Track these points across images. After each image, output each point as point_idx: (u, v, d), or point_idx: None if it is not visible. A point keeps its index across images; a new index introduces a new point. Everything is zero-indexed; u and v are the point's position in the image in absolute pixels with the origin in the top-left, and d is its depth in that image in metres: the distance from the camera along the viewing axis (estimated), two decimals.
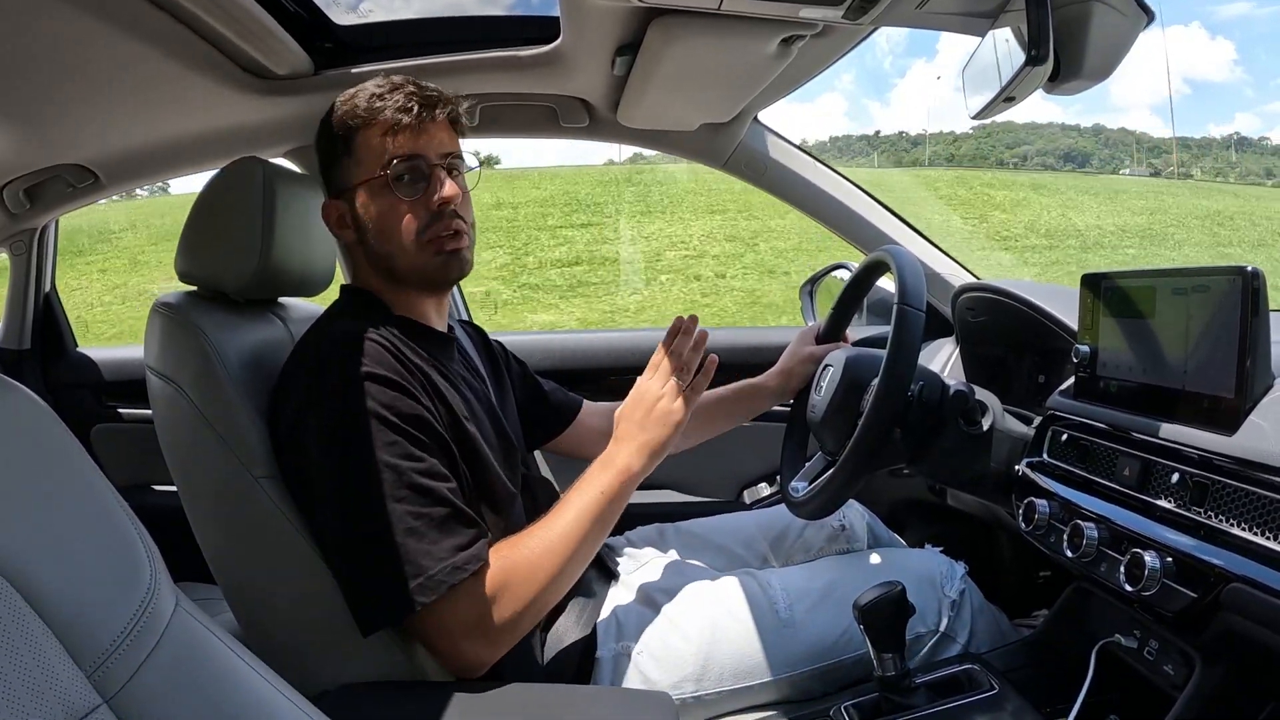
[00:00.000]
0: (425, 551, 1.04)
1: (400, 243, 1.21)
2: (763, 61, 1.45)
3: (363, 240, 1.24)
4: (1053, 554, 1.18)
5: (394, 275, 1.24)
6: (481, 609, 1.06)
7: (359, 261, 1.28)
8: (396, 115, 1.18)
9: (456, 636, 1.07)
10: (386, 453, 1.06)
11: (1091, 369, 1.21)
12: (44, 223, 2.34)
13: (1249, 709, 1.02)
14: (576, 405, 1.65)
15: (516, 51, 1.67)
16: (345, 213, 1.24)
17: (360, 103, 1.19)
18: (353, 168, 1.21)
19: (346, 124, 1.20)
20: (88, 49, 1.35)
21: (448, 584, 1.03)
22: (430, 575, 1.03)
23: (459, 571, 1.04)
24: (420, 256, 1.21)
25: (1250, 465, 0.92)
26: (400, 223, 1.20)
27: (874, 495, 1.94)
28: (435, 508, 1.06)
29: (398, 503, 1.04)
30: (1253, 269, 0.95)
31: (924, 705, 1.17)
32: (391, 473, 1.05)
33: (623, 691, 1.20)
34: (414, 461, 1.07)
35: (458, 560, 1.04)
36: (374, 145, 1.19)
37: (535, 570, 1.09)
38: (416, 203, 1.20)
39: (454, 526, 1.07)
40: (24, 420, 0.66)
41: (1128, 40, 1.14)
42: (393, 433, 1.07)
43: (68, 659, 0.58)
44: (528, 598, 1.08)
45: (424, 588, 1.03)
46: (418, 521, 1.04)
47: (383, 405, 1.07)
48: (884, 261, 1.38)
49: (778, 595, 1.33)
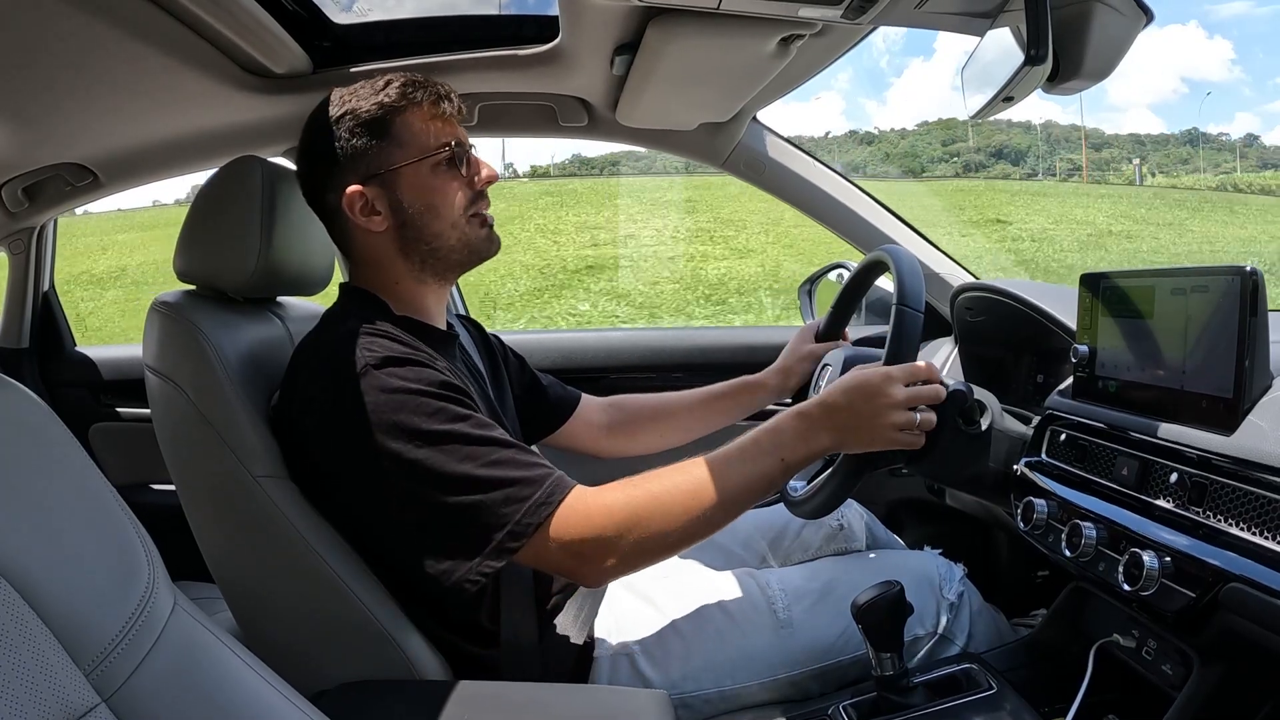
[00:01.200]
0: (519, 479, 1.06)
1: (451, 218, 1.25)
2: (762, 61, 1.45)
3: (403, 223, 1.24)
4: (1051, 554, 1.18)
5: (434, 255, 1.26)
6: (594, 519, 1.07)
7: (372, 255, 1.27)
8: (439, 104, 1.24)
9: (580, 550, 1.07)
10: (435, 422, 1.07)
11: (1090, 369, 1.21)
12: (43, 221, 2.34)
13: (1247, 709, 1.02)
14: (575, 399, 1.66)
15: (515, 50, 1.67)
16: (376, 198, 1.23)
17: (393, 91, 1.22)
18: (393, 150, 1.22)
19: (384, 107, 1.21)
20: (87, 48, 1.35)
21: (557, 500, 1.06)
22: (533, 500, 1.05)
23: (562, 487, 1.07)
24: (469, 231, 1.27)
25: (1249, 465, 0.92)
26: (452, 200, 1.25)
27: (872, 495, 1.94)
28: (504, 450, 1.08)
29: (469, 461, 1.06)
30: (1251, 268, 0.95)
31: (922, 704, 1.17)
32: (451, 439, 1.06)
33: (620, 690, 1.20)
34: (463, 421, 1.08)
35: (554, 476, 1.07)
36: (419, 128, 1.23)
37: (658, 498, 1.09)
38: (463, 182, 1.25)
39: (530, 457, 1.09)
40: (22, 419, 0.66)
41: (1127, 40, 1.14)
42: (435, 400, 1.08)
43: (66, 658, 0.58)
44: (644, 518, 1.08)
45: (535, 508, 1.05)
46: (498, 469, 1.06)
47: (412, 381, 1.08)
48: (883, 261, 1.38)
49: (776, 595, 1.33)
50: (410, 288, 1.28)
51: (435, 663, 1.15)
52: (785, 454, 1.14)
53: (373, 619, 1.11)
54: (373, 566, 1.16)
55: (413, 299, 1.28)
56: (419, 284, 1.28)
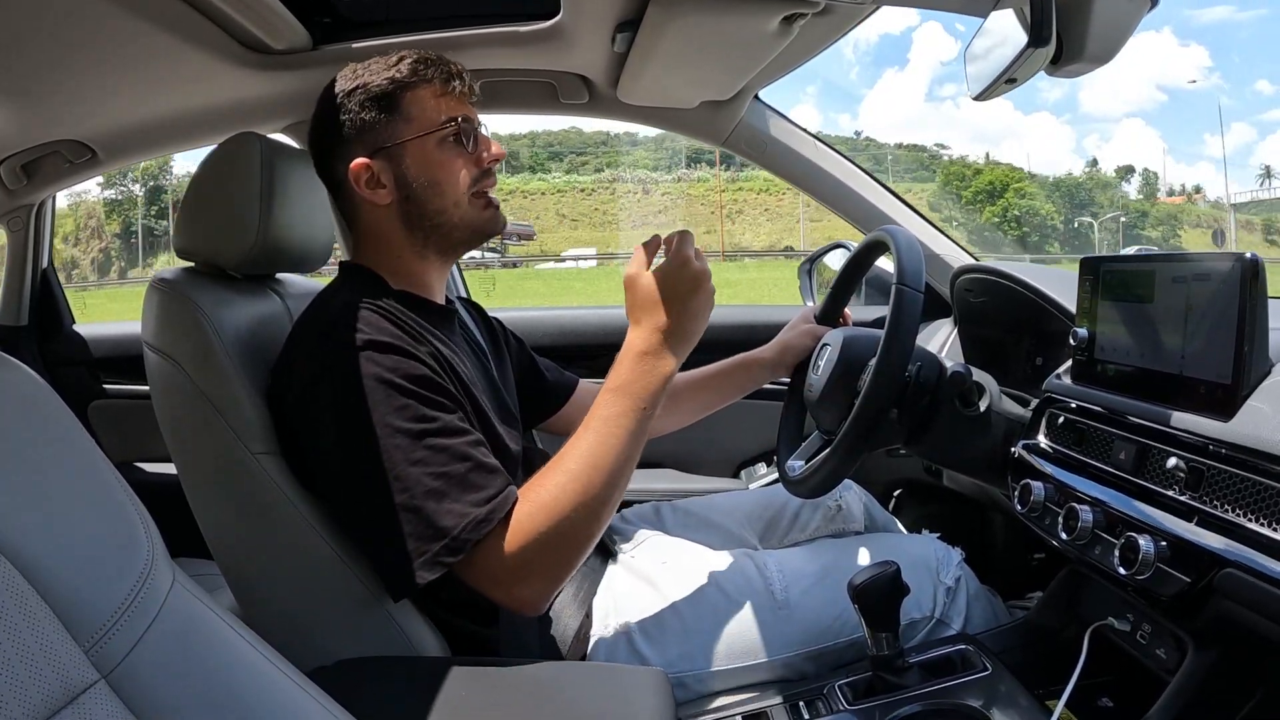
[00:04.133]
0: (447, 511, 1.04)
1: (455, 195, 1.25)
2: (764, 39, 1.44)
3: (407, 197, 1.24)
4: (1047, 536, 1.18)
5: (438, 231, 1.26)
6: (517, 554, 1.05)
7: (373, 230, 1.27)
8: (450, 82, 1.24)
9: (503, 583, 1.07)
10: (398, 417, 1.06)
11: (1089, 352, 1.21)
12: (41, 198, 2.34)
13: (1241, 693, 1.02)
14: (572, 384, 1.66)
15: (516, 27, 1.66)
16: (382, 172, 1.23)
17: (404, 67, 1.22)
18: (400, 125, 1.22)
19: (394, 82, 1.22)
20: (85, 24, 1.35)
21: (472, 540, 1.03)
22: (454, 535, 1.03)
23: (484, 525, 1.04)
24: (473, 208, 1.27)
25: (1246, 451, 0.93)
26: (457, 176, 1.25)
27: (870, 475, 1.94)
28: (454, 464, 1.06)
29: (415, 465, 1.05)
30: (1252, 255, 0.95)
31: (917, 685, 1.18)
32: (405, 437, 1.05)
33: (618, 668, 1.20)
34: (427, 422, 1.07)
35: (480, 514, 1.04)
36: (428, 104, 1.23)
37: (568, 501, 1.07)
38: (470, 159, 1.26)
39: (476, 479, 1.07)
40: (21, 396, 0.66)
41: (1130, 23, 1.13)
42: (403, 396, 1.07)
43: (65, 635, 0.58)
44: (564, 531, 1.06)
45: (450, 548, 1.03)
46: (438, 481, 1.05)
47: (389, 370, 1.08)
48: (883, 241, 1.38)
49: (774, 577, 1.33)
50: (412, 262, 1.28)
51: (434, 640, 1.15)
52: (644, 402, 1.13)
53: (371, 596, 1.12)
54: None
55: (414, 274, 1.28)
56: (421, 259, 1.28)
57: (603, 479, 1.08)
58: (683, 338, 1.15)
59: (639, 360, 1.13)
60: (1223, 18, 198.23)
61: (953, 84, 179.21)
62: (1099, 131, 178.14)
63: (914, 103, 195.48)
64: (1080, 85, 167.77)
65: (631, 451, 1.11)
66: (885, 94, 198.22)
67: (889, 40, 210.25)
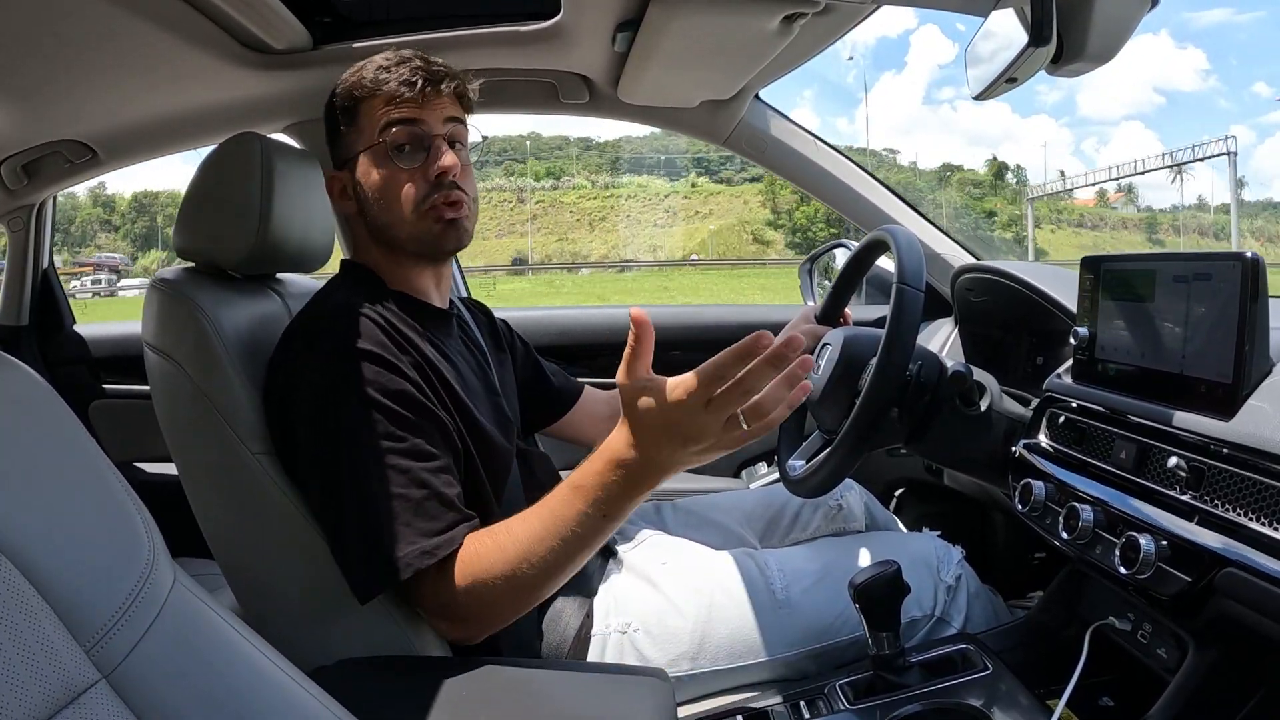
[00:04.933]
0: (395, 534, 1.03)
1: (400, 212, 1.21)
2: (764, 39, 1.45)
3: (364, 211, 1.25)
4: (1048, 536, 1.18)
5: (393, 245, 1.25)
6: (451, 594, 1.04)
7: (359, 235, 1.29)
8: (400, 88, 1.19)
9: (432, 615, 1.09)
10: (368, 430, 1.06)
11: (1090, 352, 1.21)
12: (42, 199, 2.34)
13: (1241, 693, 1.02)
14: (578, 390, 1.65)
15: (517, 26, 1.66)
16: (347, 184, 1.25)
17: (367, 75, 1.21)
18: (354, 137, 1.23)
19: (351, 95, 1.22)
20: (86, 24, 1.35)
21: (414, 568, 1.02)
22: (398, 558, 1.02)
23: (427, 557, 1.03)
24: (420, 225, 1.22)
25: (1246, 451, 0.92)
26: (400, 191, 1.21)
27: (871, 474, 1.94)
28: (412, 489, 1.05)
29: (376, 481, 1.05)
30: (1253, 255, 0.95)
31: (918, 684, 1.18)
32: (372, 451, 1.05)
33: (619, 668, 1.20)
34: (395, 441, 1.07)
35: (426, 546, 1.03)
36: (376, 115, 1.21)
37: (507, 567, 1.02)
38: (416, 172, 1.21)
39: (430, 509, 1.05)
40: (22, 396, 0.66)
41: (1131, 22, 1.13)
42: (376, 411, 1.07)
43: (66, 635, 0.58)
44: (503, 590, 1.03)
45: (391, 570, 1.02)
46: (393, 502, 1.04)
47: (368, 381, 1.07)
48: (884, 241, 1.37)
49: (774, 576, 1.33)
50: (394, 268, 1.28)
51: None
52: (603, 510, 1.00)
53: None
54: None
55: (405, 276, 1.28)
56: (400, 266, 1.28)
57: (544, 564, 1.02)
58: (664, 474, 0.97)
59: (614, 469, 0.97)
60: (1221, 20, 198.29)
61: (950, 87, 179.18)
62: (1098, 134, 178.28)
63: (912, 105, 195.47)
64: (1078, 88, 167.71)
65: (575, 551, 1.02)
66: (883, 97, 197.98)
67: (886, 43, 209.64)
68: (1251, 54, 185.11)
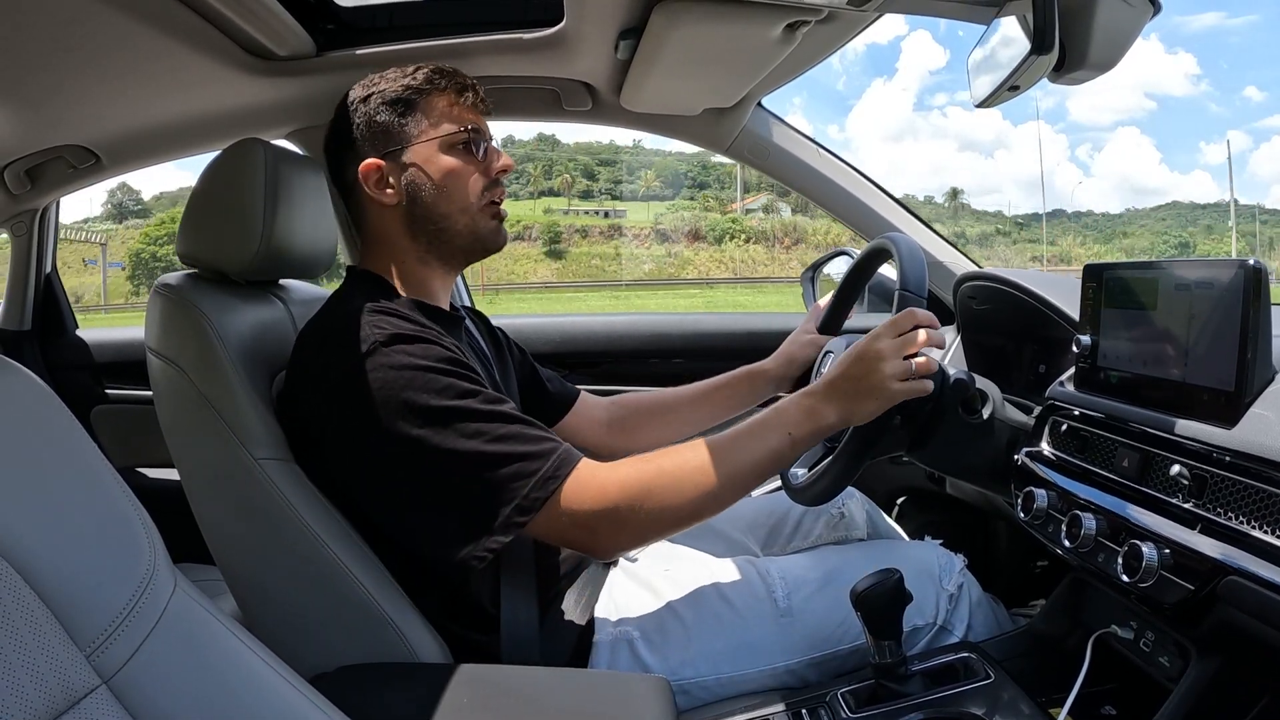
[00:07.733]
0: (526, 453, 1.07)
1: (462, 201, 1.27)
2: (767, 47, 1.45)
3: (413, 200, 1.26)
4: (1050, 544, 1.18)
5: (442, 238, 1.27)
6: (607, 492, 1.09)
7: (385, 230, 1.28)
8: (463, 91, 1.27)
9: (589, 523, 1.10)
10: (443, 398, 1.07)
11: (1092, 359, 1.21)
12: (45, 204, 2.34)
13: (1244, 702, 1.02)
14: (574, 395, 1.66)
15: (520, 34, 1.67)
16: (391, 173, 1.25)
17: (420, 75, 1.26)
18: (413, 128, 1.25)
19: (410, 88, 1.25)
20: (89, 30, 1.35)
21: (541, 498, 1.06)
22: (540, 474, 1.07)
23: (550, 482, 1.07)
24: (479, 218, 1.29)
25: (1249, 459, 0.92)
26: (466, 183, 1.27)
27: (873, 483, 1.94)
28: (511, 424, 1.09)
29: (471, 439, 1.06)
30: (1255, 262, 0.95)
31: (919, 693, 1.17)
32: (458, 415, 1.07)
33: (620, 675, 1.20)
34: (471, 397, 1.09)
35: (562, 450, 1.09)
36: (443, 109, 1.26)
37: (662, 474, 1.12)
38: (480, 168, 1.27)
39: (538, 430, 1.11)
40: (24, 401, 0.66)
41: (1133, 31, 1.13)
42: (443, 376, 1.09)
43: (67, 640, 0.58)
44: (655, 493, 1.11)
45: (521, 509, 1.06)
46: (504, 444, 1.07)
47: (420, 358, 1.09)
48: (886, 248, 1.37)
49: (776, 584, 1.33)
50: (415, 269, 1.29)
51: (435, 646, 1.15)
52: (793, 429, 1.15)
53: (373, 602, 1.12)
54: (375, 548, 1.17)
55: (418, 281, 1.29)
56: (424, 266, 1.29)
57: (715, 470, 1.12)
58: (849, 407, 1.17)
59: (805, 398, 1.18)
60: (1212, 24, 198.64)
61: (943, 94, 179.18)
62: (1092, 141, 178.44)
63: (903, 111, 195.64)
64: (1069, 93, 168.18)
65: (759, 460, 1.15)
66: (874, 102, 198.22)
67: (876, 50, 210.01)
68: (1243, 58, 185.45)
